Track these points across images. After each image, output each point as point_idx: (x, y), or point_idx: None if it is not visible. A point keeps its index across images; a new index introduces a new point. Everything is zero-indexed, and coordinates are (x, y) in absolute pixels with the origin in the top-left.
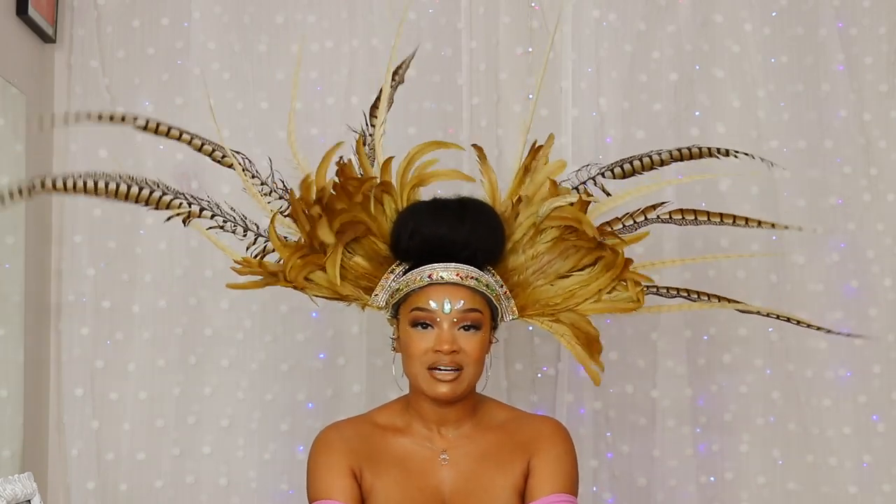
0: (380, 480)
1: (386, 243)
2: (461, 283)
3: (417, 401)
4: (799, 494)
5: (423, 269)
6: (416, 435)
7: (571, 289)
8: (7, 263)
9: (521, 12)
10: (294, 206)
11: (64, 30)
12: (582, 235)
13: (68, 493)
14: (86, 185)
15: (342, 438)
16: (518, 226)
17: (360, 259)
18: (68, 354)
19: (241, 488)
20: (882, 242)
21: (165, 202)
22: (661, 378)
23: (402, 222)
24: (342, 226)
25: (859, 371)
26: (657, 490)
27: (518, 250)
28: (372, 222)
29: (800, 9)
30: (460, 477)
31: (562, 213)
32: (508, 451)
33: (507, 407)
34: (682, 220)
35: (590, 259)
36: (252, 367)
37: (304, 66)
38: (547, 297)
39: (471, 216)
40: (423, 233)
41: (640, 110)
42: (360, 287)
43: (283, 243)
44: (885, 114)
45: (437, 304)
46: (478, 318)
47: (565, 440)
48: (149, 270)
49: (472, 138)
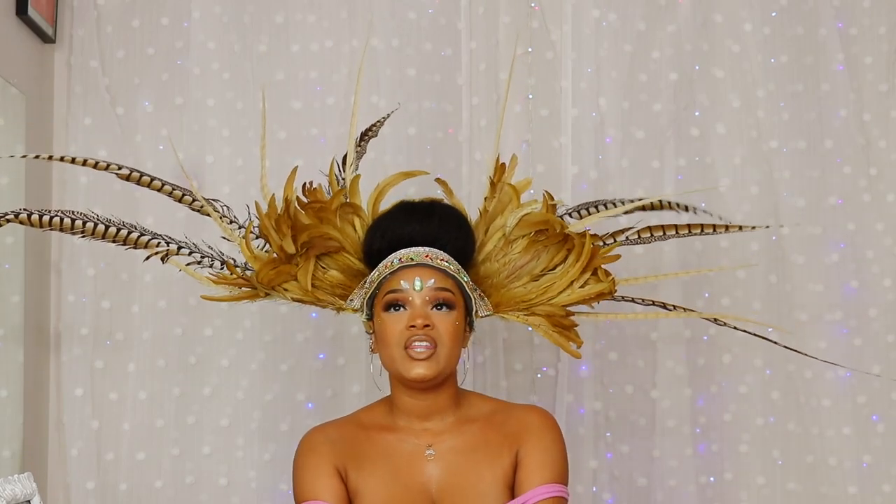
0: (365, 479)
1: (359, 258)
2: (430, 263)
3: (399, 395)
4: (799, 494)
5: (394, 254)
6: (400, 431)
7: (545, 285)
8: (7, 263)
9: (521, 12)
10: (262, 223)
11: (64, 30)
12: (551, 233)
13: (68, 493)
14: (62, 221)
15: (326, 440)
16: (489, 237)
17: (335, 273)
18: (68, 354)
19: (241, 488)
20: (882, 242)
21: (143, 242)
22: (660, 378)
23: (373, 227)
24: (311, 239)
25: (859, 371)
26: (657, 490)
27: (490, 259)
28: (344, 239)
29: (800, 9)
30: (447, 472)
31: (530, 218)
32: (496, 444)
33: (491, 399)
34: (651, 237)
35: (560, 257)
36: (252, 367)
37: (304, 66)
38: (521, 295)
39: (439, 213)
40: (394, 229)
41: (640, 110)
42: (336, 295)
43: (255, 255)
44: (884, 114)
45: (408, 283)
46: (449, 298)
47: (552, 429)
48: (149, 270)
49: (471, 138)
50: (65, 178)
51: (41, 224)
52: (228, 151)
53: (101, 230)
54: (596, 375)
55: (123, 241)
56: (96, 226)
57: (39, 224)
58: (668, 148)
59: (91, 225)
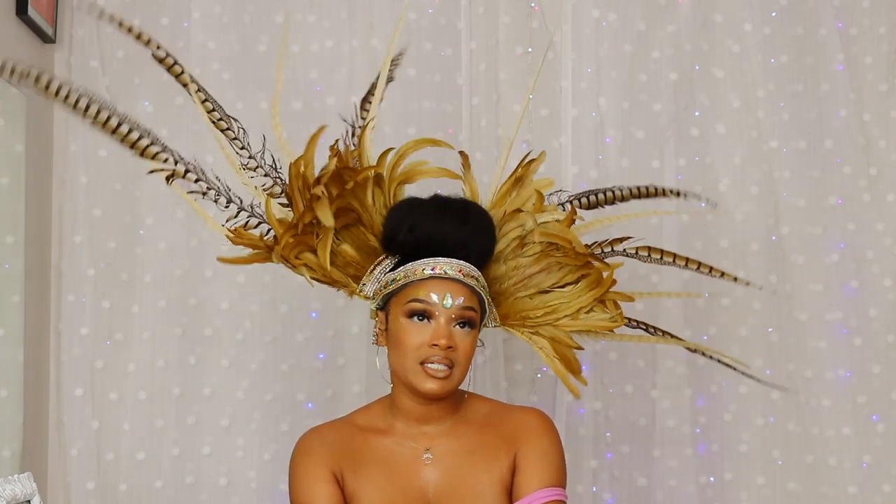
0: (362, 483)
1: (375, 235)
2: (462, 280)
3: (401, 397)
4: (799, 494)
5: (426, 262)
6: (398, 434)
7: (552, 304)
8: (7, 263)
9: (521, 12)
10: (291, 185)
11: (64, 30)
12: (568, 252)
13: (68, 493)
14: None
15: (322, 443)
16: (502, 236)
17: (348, 247)
18: (68, 354)
19: (241, 488)
20: (882, 242)
21: (151, 153)
22: (661, 378)
23: (400, 216)
24: (336, 211)
25: (859, 371)
26: (657, 490)
27: (500, 260)
28: (363, 212)
29: (800, 9)
30: (445, 475)
31: (549, 229)
32: (493, 447)
33: (488, 400)
34: (648, 257)
35: (573, 277)
36: (252, 368)
37: (304, 66)
38: (527, 308)
39: (474, 218)
40: (425, 228)
41: (640, 110)
42: (348, 275)
43: (278, 219)
44: (884, 114)
45: (439, 297)
46: (473, 317)
47: (550, 431)
48: (149, 270)
49: (471, 138)
50: (65, 177)
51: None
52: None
53: (112, 125)
54: (596, 375)
55: (132, 144)
56: (108, 118)
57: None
58: (668, 148)
59: (105, 115)
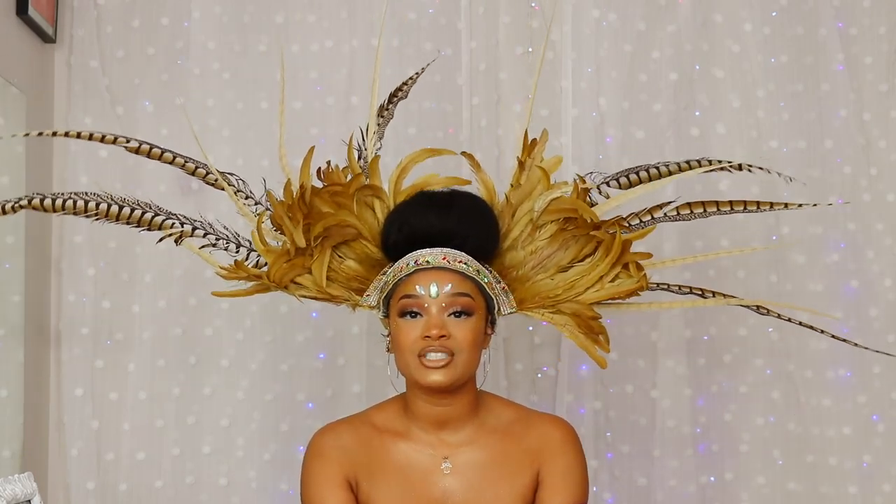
0: (377, 491)
1: (377, 246)
2: (448, 266)
3: (414, 401)
4: (799, 494)
5: (410, 256)
6: (416, 440)
7: (572, 279)
8: (7, 263)
9: (521, 12)
10: (276, 210)
11: (64, 30)
12: (580, 222)
13: (68, 493)
14: (75, 204)
15: (338, 445)
16: (515, 223)
17: (352, 262)
18: (68, 354)
19: (241, 488)
20: (882, 242)
21: (158, 223)
22: (661, 378)
23: (390, 220)
24: (326, 229)
25: (859, 371)
26: (657, 490)
27: (516, 247)
28: (362, 226)
29: (800, 9)
30: (464, 487)
31: (559, 204)
32: (516, 459)
33: (511, 405)
34: (691, 214)
35: (590, 248)
36: (252, 368)
37: (304, 66)
38: (548, 289)
39: (458, 205)
40: (412, 223)
41: (639, 110)
42: (352, 289)
43: (268, 248)
44: (884, 114)
45: (424, 288)
46: (468, 304)
47: (575, 446)
48: (149, 270)
49: (472, 138)
50: (65, 177)
51: (54, 208)
52: (228, 151)
53: (115, 211)
54: (596, 375)
55: (137, 222)
56: (110, 207)
57: (52, 208)
58: (668, 148)
59: (105, 206)
